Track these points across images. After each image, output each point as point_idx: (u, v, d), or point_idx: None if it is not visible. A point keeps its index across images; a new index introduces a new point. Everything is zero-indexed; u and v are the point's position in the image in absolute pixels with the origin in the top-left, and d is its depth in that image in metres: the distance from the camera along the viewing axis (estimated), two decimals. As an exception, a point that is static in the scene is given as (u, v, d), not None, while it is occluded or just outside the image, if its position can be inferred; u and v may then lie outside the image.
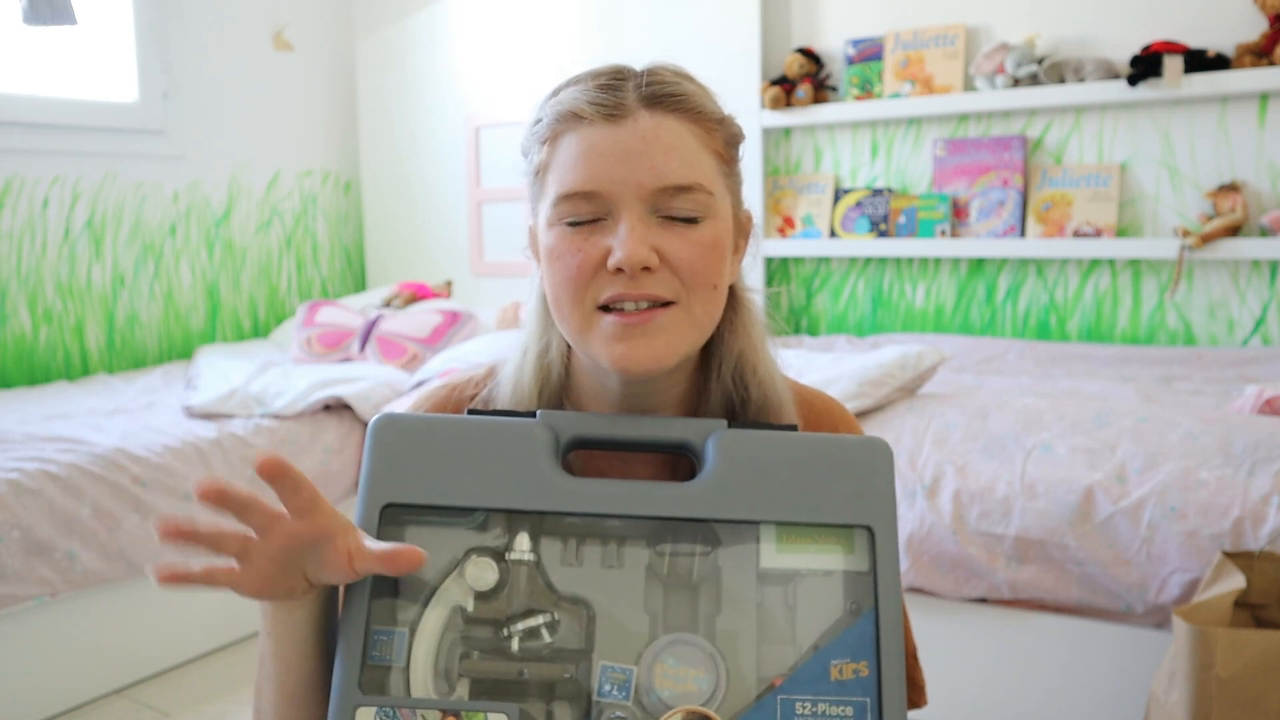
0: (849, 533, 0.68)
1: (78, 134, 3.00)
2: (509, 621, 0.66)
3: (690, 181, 0.71)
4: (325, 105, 3.81)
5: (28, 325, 2.93)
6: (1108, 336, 2.75)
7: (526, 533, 0.68)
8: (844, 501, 0.69)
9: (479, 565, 0.67)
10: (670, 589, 0.67)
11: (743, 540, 0.68)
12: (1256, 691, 1.39)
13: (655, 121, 0.71)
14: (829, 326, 3.16)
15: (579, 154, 0.71)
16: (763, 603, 0.66)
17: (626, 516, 0.68)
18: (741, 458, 0.70)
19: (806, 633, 0.66)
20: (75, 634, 2.11)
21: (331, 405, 2.64)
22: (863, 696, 0.64)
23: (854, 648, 0.65)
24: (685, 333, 0.73)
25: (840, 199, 3.02)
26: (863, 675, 0.65)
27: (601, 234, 0.71)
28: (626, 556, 0.67)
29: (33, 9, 2.72)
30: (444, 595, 0.66)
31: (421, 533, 0.68)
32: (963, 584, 1.86)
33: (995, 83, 2.71)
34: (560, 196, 0.72)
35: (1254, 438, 1.72)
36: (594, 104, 0.71)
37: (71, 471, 2.08)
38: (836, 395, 2.04)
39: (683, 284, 0.72)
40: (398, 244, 3.82)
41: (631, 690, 0.64)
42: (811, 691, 0.64)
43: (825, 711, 0.64)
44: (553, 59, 3.38)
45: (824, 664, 0.65)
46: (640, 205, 0.71)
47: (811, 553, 0.68)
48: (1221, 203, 2.50)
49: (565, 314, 0.74)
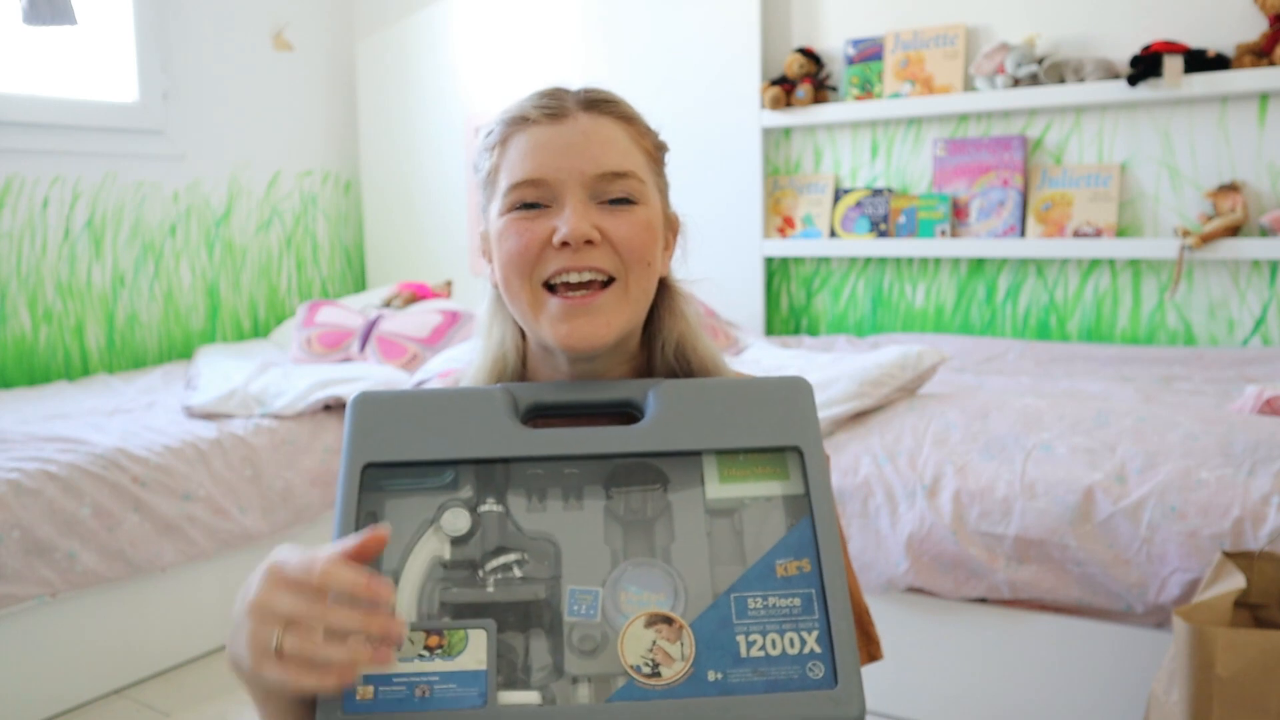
0: (782, 460, 0.76)
1: (78, 134, 3.00)
2: (483, 561, 0.71)
3: (625, 169, 0.81)
4: (325, 105, 3.81)
5: (28, 325, 2.93)
6: (1108, 336, 2.75)
7: (493, 487, 0.74)
8: (774, 428, 0.77)
9: (453, 514, 0.73)
10: (628, 526, 0.73)
11: (688, 476, 0.75)
12: (1256, 691, 1.39)
13: (592, 120, 0.82)
14: (829, 326, 3.16)
15: (527, 150, 0.81)
16: (712, 531, 0.73)
17: (583, 457, 0.75)
18: (679, 401, 0.78)
19: (755, 551, 0.72)
20: (75, 634, 2.11)
21: (331, 405, 2.64)
22: (807, 588, 0.71)
23: (795, 548, 0.72)
24: (622, 309, 0.82)
25: (840, 199, 3.02)
26: (805, 570, 0.72)
27: (548, 218, 0.80)
28: (585, 500, 0.74)
29: (33, 9, 2.72)
30: (422, 548, 0.71)
31: (398, 499, 0.74)
32: (963, 584, 1.86)
33: (995, 83, 2.71)
34: (510, 186, 0.81)
35: (1254, 438, 1.72)
36: (538, 107, 0.83)
37: (71, 471, 2.08)
38: (836, 395, 2.04)
39: (621, 260, 0.81)
40: (398, 244, 3.82)
41: (599, 609, 0.70)
42: (760, 588, 0.71)
43: (775, 604, 0.70)
44: (553, 59, 3.38)
45: (769, 564, 0.72)
46: (582, 190, 0.80)
47: (752, 481, 0.75)
48: (1221, 203, 2.50)
49: (516, 292, 0.82)
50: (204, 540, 2.28)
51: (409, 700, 0.65)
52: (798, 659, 0.68)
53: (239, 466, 2.39)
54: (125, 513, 2.15)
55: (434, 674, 0.66)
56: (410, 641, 0.67)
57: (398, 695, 0.66)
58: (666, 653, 0.68)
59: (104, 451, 2.17)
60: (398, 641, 0.64)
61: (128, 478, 2.17)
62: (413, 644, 0.67)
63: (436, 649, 0.67)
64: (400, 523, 0.72)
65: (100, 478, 2.12)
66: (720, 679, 0.67)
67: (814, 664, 0.68)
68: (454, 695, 0.66)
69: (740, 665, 0.68)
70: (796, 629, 0.69)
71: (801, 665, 0.68)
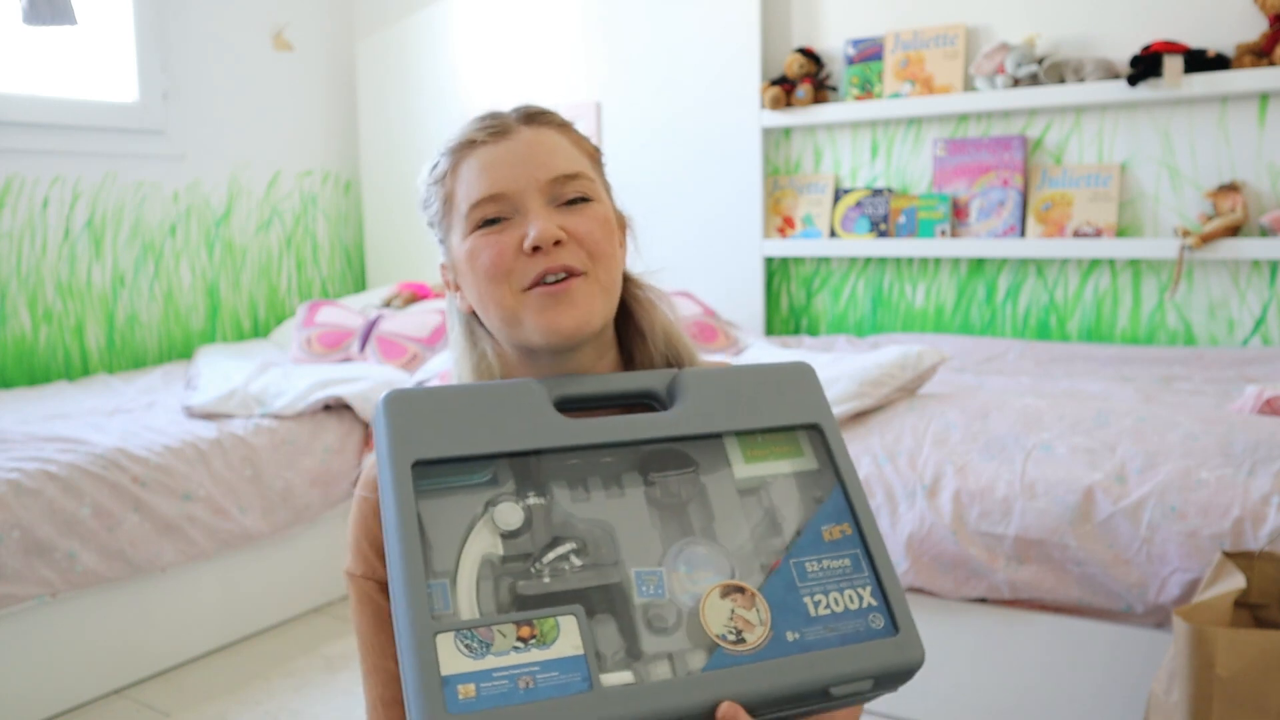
0: (795, 438, 0.82)
1: (78, 134, 3.00)
2: (540, 554, 0.72)
3: (575, 170, 0.86)
4: (325, 105, 3.81)
5: (28, 325, 2.93)
6: (1108, 336, 2.75)
7: (532, 480, 0.75)
8: (790, 409, 0.84)
9: (506, 508, 0.73)
10: (665, 509, 0.76)
11: (715, 459, 0.80)
12: (1256, 691, 1.39)
13: (534, 132, 0.87)
14: (829, 326, 3.16)
15: (480, 169, 0.86)
16: (745, 509, 0.78)
17: (623, 443, 0.78)
18: (702, 389, 0.83)
19: (788, 523, 0.78)
20: (75, 634, 2.11)
21: (331, 405, 2.64)
22: (853, 549, 0.77)
23: (834, 514, 0.79)
24: (597, 297, 0.86)
25: (840, 199, 3.02)
26: (848, 534, 0.78)
27: (514, 228, 0.84)
28: (626, 487, 0.77)
29: (33, 9, 2.72)
30: (472, 546, 0.71)
31: (436, 499, 0.73)
32: (963, 584, 1.86)
33: (995, 83, 2.71)
34: (471, 206, 0.85)
35: (1254, 438, 1.72)
36: (481, 129, 0.87)
37: (71, 471, 2.08)
38: (836, 395, 2.04)
39: (589, 254, 0.85)
40: (398, 244, 3.82)
41: (666, 588, 0.72)
42: (814, 553, 0.76)
43: (829, 565, 0.76)
44: (553, 59, 3.38)
45: (816, 530, 0.78)
46: (540, 196, 0.84)
47: (773, 460, 0.81)
48: (1221, 203, 2.50)
49: (496, 302, 0.85)
50: (204, 540, 2.28)
51: (514, 693, 0.65)
52: (859, 613, 0.74)
53: (239, 466, 2.39)
54: (125, 513, 2.15)
55: (534, 664, 0.66)
56: (501, 634, 0.67)
57: (501, 689, 0.65)
58: (746, 620, 0.72)
59: (104, 451, 2.17)
60: None
61: (128, 478, 2.17)
62: (504, 637, 0.67)
63: (530, 639, 0.67)
64: (445, 523, 0.72)
65: (100, 478, 2.12)
66: (799, 639, 0.72)
67: (874, 616, 0.74)
68: (558, 682, 0.66)
69: (813, 624, 0.73)
70: (853, 585, 0.75)
71: (864, 618, 0.74)
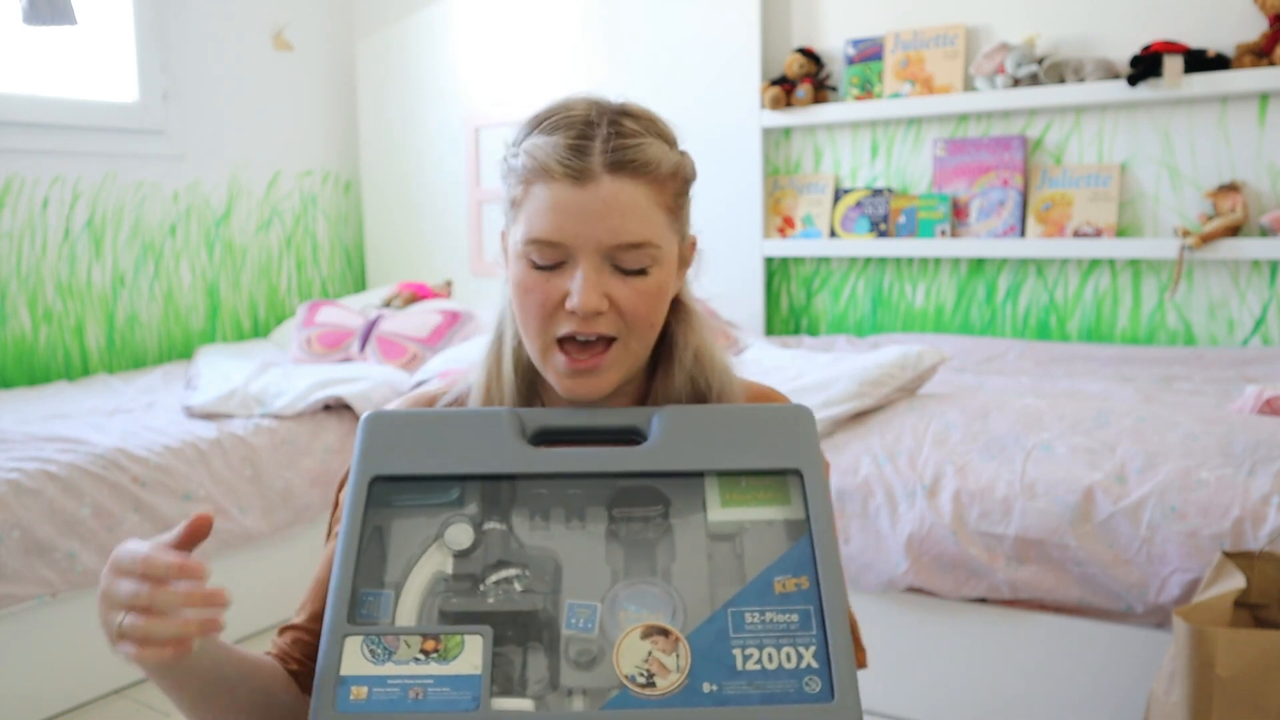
0: (784, 484, 0.78)
1: (78, 134, 3.00)
2: (484, 575, 0.73)
3: (642, 239, 0.82)
4: (325, 105, 3.81)
5: (28, 325, 2.93)
6: (1108, 336, 2.75)
7: (498, 505, 0.76)
8: (774, 452, 0.79)
9: (456, 529, 0.75)
10: (629, 547, 0.74)
11: (691, 499, 0.77)
12: (1256, 691, 1.39)
13: (615, 186, 0.81)
14: (829, 326, 3.16)
15: (547, 207, 0.82)
16: (713, 554, 0.74)
17: (587, 475, 0.77)
18: (683, 426, 0.80)
19: (754, 571, 0.73)
20: (75, 634, 2.11)
21: (331, 405, 2.64)
22: (805, 605, 0.72)
23: (793, 565, 0.73)
24: (623, 364, 0.86)
25: (840, 199, 3.02)
26: (804, 587, 0.72)
27: (561, 276, 0.83)
28: (588, 520, 0.75)
29: (33, 9, 2.72)
30: (426, 562, 0.73)
31: (405, 516, 0.76)
32: (963, 584, 1.86)
33: (995, 83, 2.71)
34: (529, 239, 0.83)
35: (1254, 438, 1.71)
36: (562, 164, 0.81)
37: (71, 471, 2.08)
38: (836, 395, 2.04)
39: (626, 324, 0.84)
40: (398, 244, 3.82)
41: (597, 623, 0.71)
42: (758, 604, 0.72)
43: (773, 619, 0.71)
44: (553, 59, 3.38)
45: (767, 581, 0.73)
46: (596, 257, 0.82)
47: (753, 506, 0.77)
48: (1221, 203, 2.50)
49: (528, 338, 0.86)
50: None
51: (402, 701, 0.67)
52: (794, 673, 0.69)
53: (239, 466, 2.39)
54: (125, 513, 2.15)
55: (428, 677, 0.67)
56: (406, 644, 0.69)
57: (391, 696, 0.67)
58: (662, 664, 0.69)
59: (104, 451, 2.17)
60: (222, 606, 0.69)
61: (128, 478, 2.17)
62: (409, 647, 0.69)
63: (432, 653, 0.68)
64: (406, 538, 0.74)
65: (100, 478, 2.12)
66: (715, 690, 0.68)
67: (810, 678, 0.69)
68: (447, 698, 0.67)
69: (736, 678, 0.68)
70: (794, 643, 0.70)
71: (799, 679, 0.69)
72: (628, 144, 0.83)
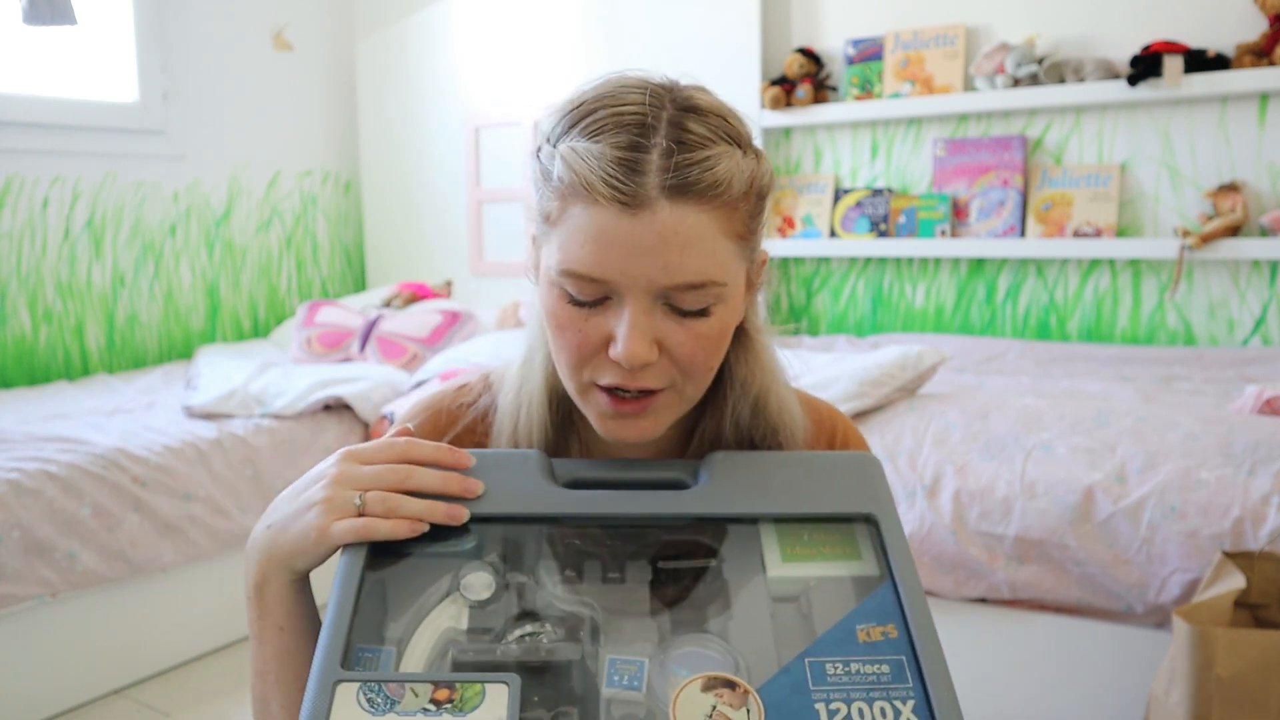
0: (853, 536, 0.67)
1: (78, 134, 3.00)
2: (505, 630, 0.62)
3: (704, 279, 0.67)
4: (325, 105, 3.81)
5: (28, 325, 2.93)
6: (1108, 336, 2.75)
7: (522, 557, 0.66)
8: (841, 497, 0.68)
9: (475, 576, 0.65)
10: (677, 605, 0.64)
11: (747, 555, 0.66)
12: (1256, 691, 1.39)
13: (675, 216, 0.65)
14: (829, 326, 3.16)
15: (590, 235, 0.66)
16: (776, 614, 0.63)
17: (625, 516, 0.67)
18: (735, 470, 0.70)
19: (825, 624, 0.63)
20: (75, 634, 2.10)
21: (331, 405, 2.64)
22: (896, 655, 0.61)
23: (877, 613, 0.63)
24: (674, 410, 0.73)
25: (840, 199, 3.02)
26: (891, 637, 0.62)
27: (603, 314, 0.68)
28: (629, 575, 0.65)
29: (33, 9, 2.71)
30: (436, 617, 0.63)
31: (410, 564, 0.66)
32: (963, 584, 1.86)
33: (995, 83, 2.71)
34: (564, 271, 0.67)
35: (1254, 438, 1.71)
36: (610, 184, 0.64)
37: (71, 471, 2.08)
38: (836, 395, 2.04)
39: (680, 372, 0.70)
40: (398, 244, 3.82)
41: (644, 681, 0.59)
42: (840, 653, 0.61)
43: (859, 670, 0.60)
44: (553, 59, 3.38)
45: (849, 629, 0.62)
46: (647, 298, 0.67)
47: (819, 561, 0.66)
48: (1221, 203, 2.50)
49: (564, 377, 0.74)
50: (204, 540, 2.28)
51: None
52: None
53: (239, 466, 2.39)
54: (125, 513, 2.15)
55: None
56: (413, 693, 0.57)
57: None
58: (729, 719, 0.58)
59: (104, 451, 2.17)
60: (473, 496, 0.67)
61: (128, 478, 2.17)
62: (416, 697, 0.57)
63: (445, 703, 0.57)
64: (412, 590, 0.64)
65: (100, 478, 2.12)
66: None
67: None
68: None
69: None
70: (888, 698, 0.59)
71: None
72: (693, 159, 0.65)
